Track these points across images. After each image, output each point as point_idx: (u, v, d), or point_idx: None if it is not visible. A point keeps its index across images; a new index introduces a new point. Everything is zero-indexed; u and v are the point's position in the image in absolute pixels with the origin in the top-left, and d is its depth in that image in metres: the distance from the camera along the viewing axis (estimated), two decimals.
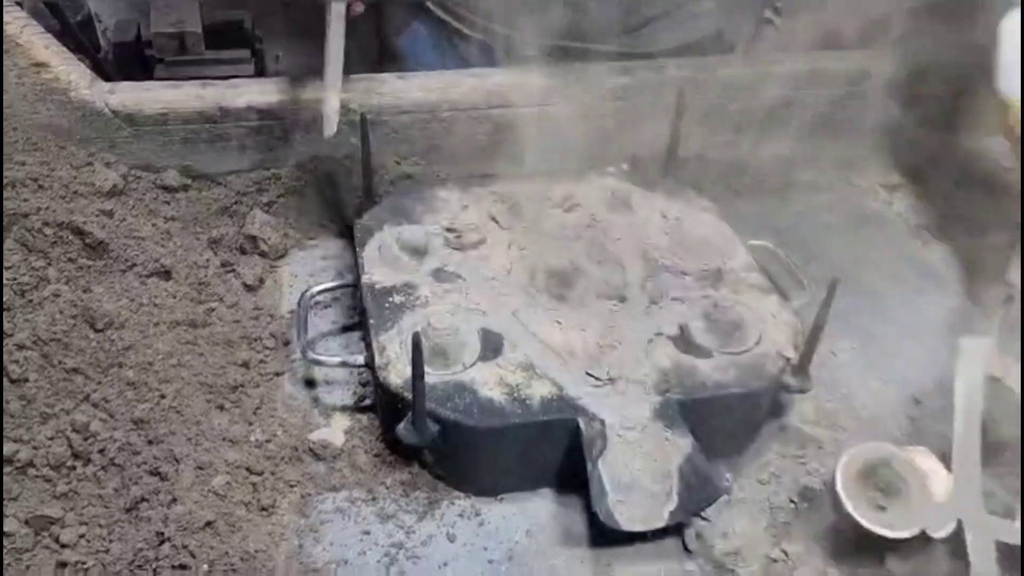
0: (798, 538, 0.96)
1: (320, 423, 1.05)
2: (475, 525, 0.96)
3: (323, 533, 0.94)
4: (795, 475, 1.03)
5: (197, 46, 1.58)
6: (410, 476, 1.00)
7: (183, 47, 1.58)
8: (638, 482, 0.90)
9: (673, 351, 1.02)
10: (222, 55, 1.59)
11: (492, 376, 0.97)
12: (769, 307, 1.09)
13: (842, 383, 1.16)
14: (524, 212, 1.20)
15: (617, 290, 1.10)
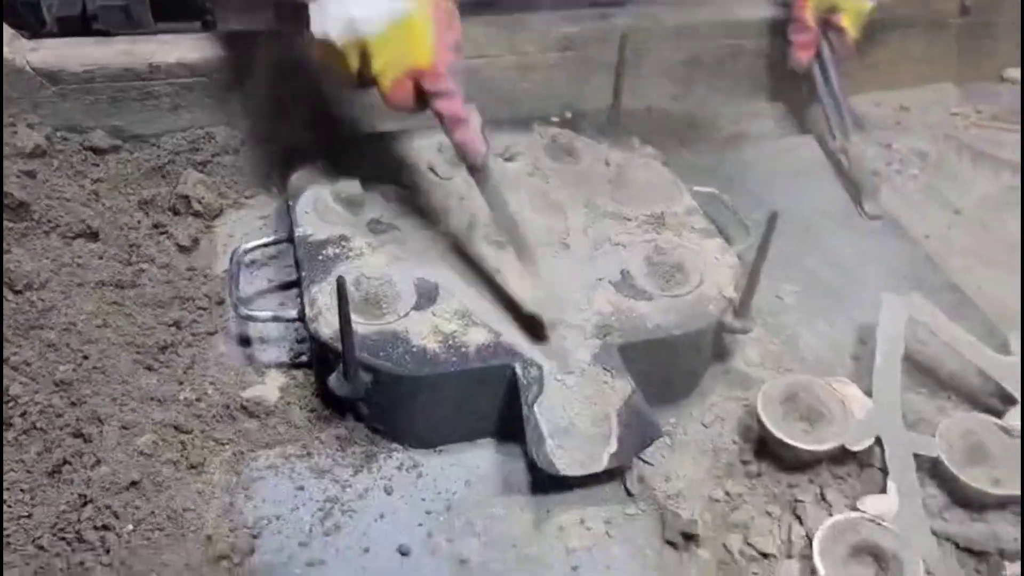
0: (739, 478, 0.95)
1: (254, 380, 1.02)
2: (413, 477, 0.94)
3: (255, 490, 0.91)
4: (739, 416, 1.02)
5: (144, 17, 1.52)
6: (346, 431, 0.97)
7: (129, 19, 1.51)
8: (576, 426, 0.88)
9: (614, 295, 1.00)
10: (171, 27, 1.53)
11: (427, 325, 0.94)
12: (711, 250, 1.07)
13: (787, 326, 1.15)
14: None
15: (558, 237, 1.08)
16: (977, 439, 0.91)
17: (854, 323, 1.15)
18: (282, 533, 0.88)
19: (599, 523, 0.91)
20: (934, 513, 0.90)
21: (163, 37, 1.30)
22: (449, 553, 0.88)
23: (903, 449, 0.89)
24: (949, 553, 0.87)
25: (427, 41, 0.91)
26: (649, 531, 0.91)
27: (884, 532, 0.83)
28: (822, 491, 0.92)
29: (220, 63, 1.27)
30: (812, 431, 0.93)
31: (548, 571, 0.87)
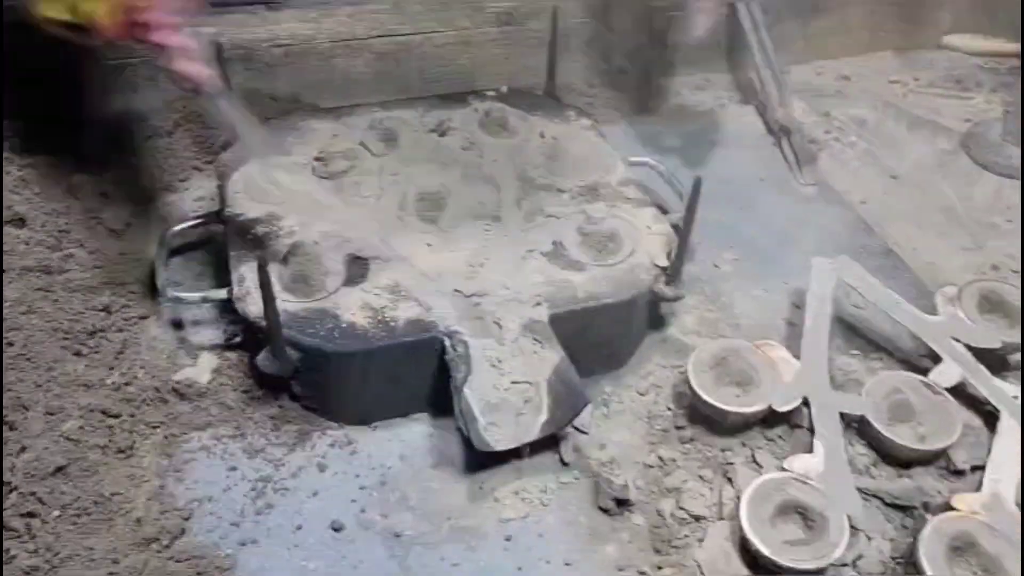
0: (674, 443, 0.96)
1: (187, 363, 1.01)
2: (347, 454, 0.94)
3: (187, 472, 0.91)
4: (674, 383, 1.02)
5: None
6: (280, 410, 0.97)
7: None
8: (507, 400, 0.88)
9: (546, 266, 1.00)
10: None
11: (356, 301, 0.94)
12: (644, 219, 1.07)
13: (724, 293, 1.16)
14: (397, 138, 1.17)
15: (491, 210, 1.08)
16: (903, 397, 0.93)
17: (788, 288, 1.16)
18: (214, 514, 0.88)
19: (534, 493, 0.91)
20: (862, 470, 0.91)
21: None
22: (383, 527, 0.88)
23: (829, 409, 0.90)
24: (875, 508, 0.88)
25: None
26: (583, 499, 0.91)
27: (810, 490, 0.84)
28: (753, 453, 0.93)
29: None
30: (742, 395, 0.94)
31: (482, 541, 0.87)
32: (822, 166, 1.41)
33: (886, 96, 1.59)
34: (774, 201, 1.32)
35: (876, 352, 1.07)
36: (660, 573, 0.84)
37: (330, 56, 1.38)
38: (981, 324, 1.00)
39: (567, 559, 0.86)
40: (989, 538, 0.81)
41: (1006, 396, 0.92)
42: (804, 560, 0.79)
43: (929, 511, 0.86)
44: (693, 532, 0.88)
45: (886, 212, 1.33)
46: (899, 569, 0.85)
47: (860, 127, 1.52)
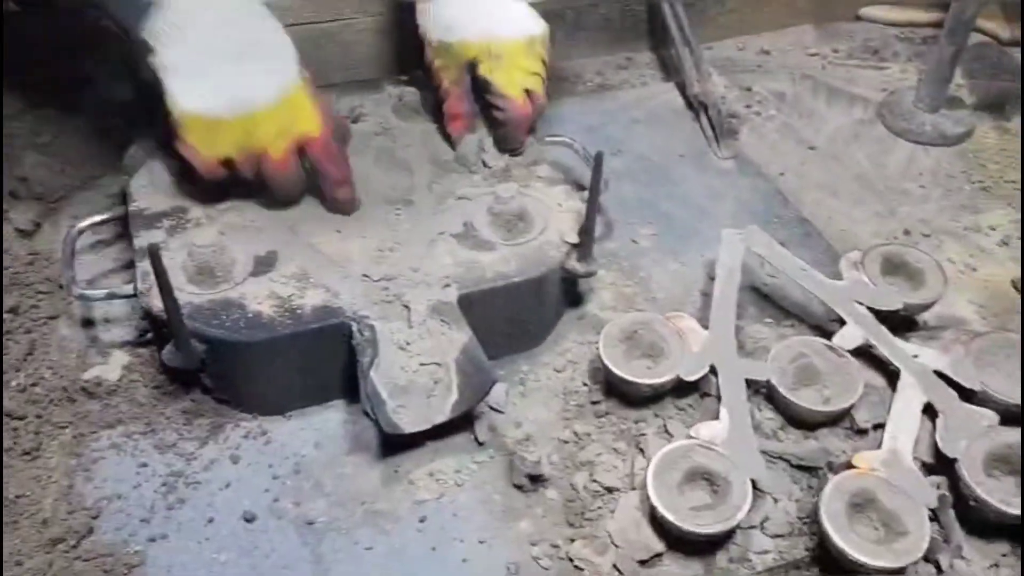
0: (589, 418, 0.97)
1: (97, 362, 1.00)
2: (261, 444, 0.94)
3: (96, 471, 0.90)
4: (591, 359, 1.03)
5: None
6: (192, 404, 0.96)
7: None
8: (416, 382, 0.88)
9: (456, 248, 1.00)
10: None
11: (263, 290, 0.93)
12: (556, 197, 1.08)
13: (641, 268, 1.17)
14: None
15: (403, 194, 1.08)
16: (807, 361, 0.94)
17: (705, 260, 1.17)
18: (123, 511, 0.87)
19: (448, 474, 0.92)
20: (769, 434, 0.93)
21: None
22: (296, 515, 0.88)
23: (735, 376, 0.92)
24: (782, 471, 0.90)
25: (313, 110, 0.97)
26: (497, 477, 0.92)
27: (715, 456, 0.85)
28: (665, 423, 0.95)
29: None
30: (653, 366, 0.95)
31: (396, 524, 0.87)
32: (742, 140, 1.43)
33: (805, 69, 1.61)
34: (693, 176, 1.34)
35: (788, 319, 1.09)
36: (572, 545, 0.85)
37: None
38: (883, 287, 1.02)
39: (481, 537, 0.87)
40: (888, 493, 0.83)
41: (906, 355, 0.94)
42: (708, 524, 0.80)
43: (833, 471, 0.88)
44: (606, 504, 0.89)
45: (803, 182, 1.35)
46: (805, 528, 0.87)
47: (779, 100, 1.53)
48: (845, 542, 0.79)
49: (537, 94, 1.11)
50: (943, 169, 1.38)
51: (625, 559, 0.83)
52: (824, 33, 1.72)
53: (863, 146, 1.43)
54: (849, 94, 1.54)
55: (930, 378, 0.92)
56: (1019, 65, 1.58)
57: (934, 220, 1.29)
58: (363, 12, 1.41)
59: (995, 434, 0.88)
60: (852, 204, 1.31)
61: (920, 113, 1.44)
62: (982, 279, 1.19)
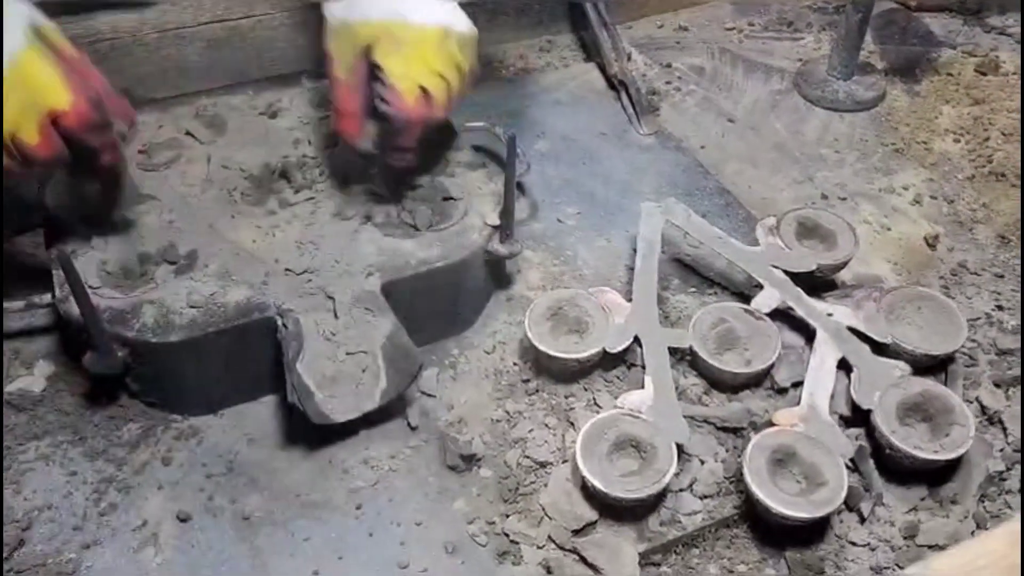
0: (520, 396, 0.98)
1: (21, 373, 0.99)
2: (193, 444, 0.94)
3: (24, 483, 0.89)
4: (520, 339, 1.05)
5: None
6: (121, 409, 0.96)
7: None
8: (343, 372, 0.89)
9: (378, 237, 1.01)
10: None
11: (184, 289, 0.93)
12: (476, 181, 1.09)
13: (568, 247, 1.19)
14: (225, 124, 1.15)
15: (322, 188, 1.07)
16: (728, 325, 0.97)
17: (629, 236, 1.19)
18: (55, 521, 0.86)
19: (383, 460, 0.93)
20: (694, 399, 0.95)
21: None
22: (231, 512, 0.88)
23: (658, 345, 0.94)
24: (708, 434, 0.93)
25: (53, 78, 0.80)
26: (431, 460, 0.93)
27: (640, 423, 0.87)
28: (594, 396, 0.96)
29: None
30: (580, 341, 0.97)
31: (332, 513, 0.88)
32: (663, 116, 1.45)
33: (722, 43, 1.65)
34: (615, 154, 1.36)
35: (711, 288, 1.12)
36: (508, 521, 0.87)
37: (158, 47, 1.35)
38: (798, 250, 1.05)
39: (417, 519, 0.88)
40: (808, 447, 0.86)
41: (820, 314, 0.97)
42: (636, 489, 0.82)
43: (756, 430, 0.91)
44: (539, 478, 0.90)
45: (723, 154, 1.38)
46: (732, 488, 0.89)
47: (699, 75, 1.56)
48: (768, 497, 0.82)
49: (435, 98, 0.93)
50: (857, 134, 1.43)
51: (559, 530, 0.85)
52: (740, 8, 1.75)
53: (780, 116, 1.47)
54: (765, 66, 1.58)
55: (844, 334, 0.96)
56: (927, 30, 1.63)
57: (849, 183, 1.33)
58: (277, 7, 1.40)
59: (907, 384, 0.91)
60: (771, 172, 1.35)
61: (834, 81, 1.48)
62: (896, 237, 1.23)
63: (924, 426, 0.90)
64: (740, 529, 0.89)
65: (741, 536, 0.88)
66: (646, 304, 0.98)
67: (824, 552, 0.87)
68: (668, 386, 0.91)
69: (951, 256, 1.19)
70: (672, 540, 0.86)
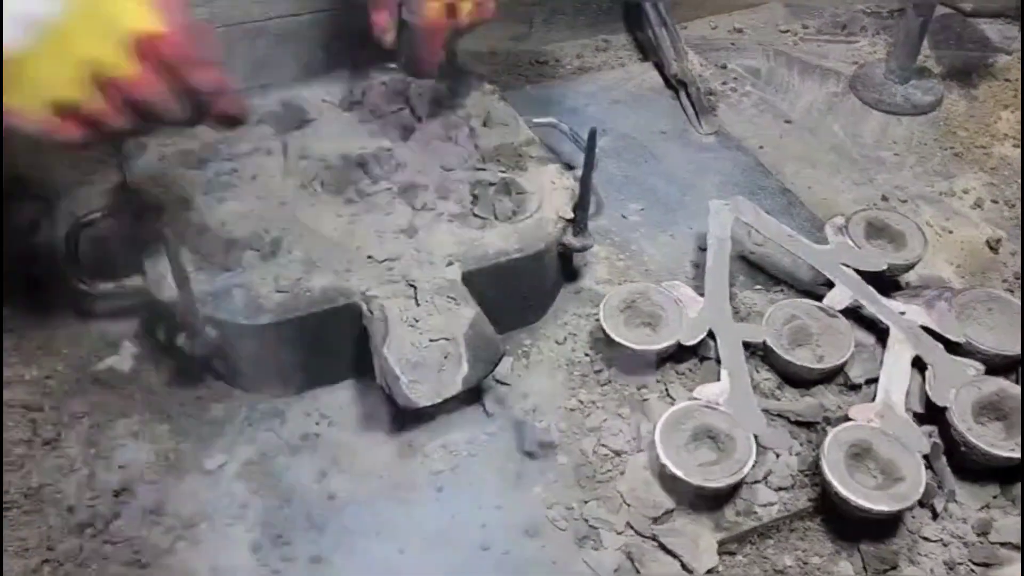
0: (592, 387, 1.00)
1: (108, 353, 1.01)
2: (276, 424, 0.96)
3: (115, 458, 0.91)
4: (590, 331, 1.06)
5: None
6: (206, 390, 0.98)
7: None
8: (426, 358, 0.91)
9: (456, 227, 1.03)
10: None
11: (270, 274, 0.95)
12: (549, 175, 1.10)
13: (632, 242, 1.20)
14: (301, 115, 1.17)
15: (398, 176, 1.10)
16: (800, 322, 0.98)
17: (693, 232, 1.21)
18: (146, 496, 0.88)
19: (461, 445, 0.95)
20: (767, 394, 0.97)
21: None
22: (318, 491, 0.90)
23: (732, 338, 0.96)
24: (782, 428, 0.94)
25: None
26: (508, 446, 0.95)
27: (717, 414, 0.89)
28: (667, 387, 0.98)
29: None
30: (653, 334, 0.98)
31: (414, 494, 0.90)
32: (720, 116, 1.46)
33: (777, 45, 1.66)
34: (676, 152, 1.37)
35: (777, 285, 1.13)
36: (587, 506, 0.88)
37: (230, 41, 1.38)
38: (867, 249, 1.06)
39: (496, 503, 0.90)
40: (884, 443, 0.87)
41: (893, 313, 0.99)
42: (716, 479, 0.84)
43: (830, 424, 0.92)
44: (615, 466, 0.92)
45: (782, 155, 1.39)
46: (806, 480, 0.91)
47: (755, 76, 1.58)
48: (847, 489, 0.83)
49: (460, 9, 0.97)
50: (915, 137, 1.44)
51: (638, 517, 0.87)
52: (793, 10, 1.77)
53: (838, 118, 1.48)
54: (821, 68, 1.59)
55: (917, 333, 0.97)
56: (983, 35, 1.63)
57: (909, 186, 1.34)
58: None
59: (981, 383, 0.92)
60: (830, 173, 1.36)
61: (891, 84, 1.49)
62: (958, 240, 1.24)
63: (999, 424, 0.91)
64: (814, 522, 0.90)
65: (815, 529, 0.90)
66: (719, 299, 1.00)
67: (897, 546, 0.88)
68: (744, 379, 0.93)
69: (1014, 260, 1.20)
70: (748, 530, 0.87)
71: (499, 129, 1.17)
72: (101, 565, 0.82)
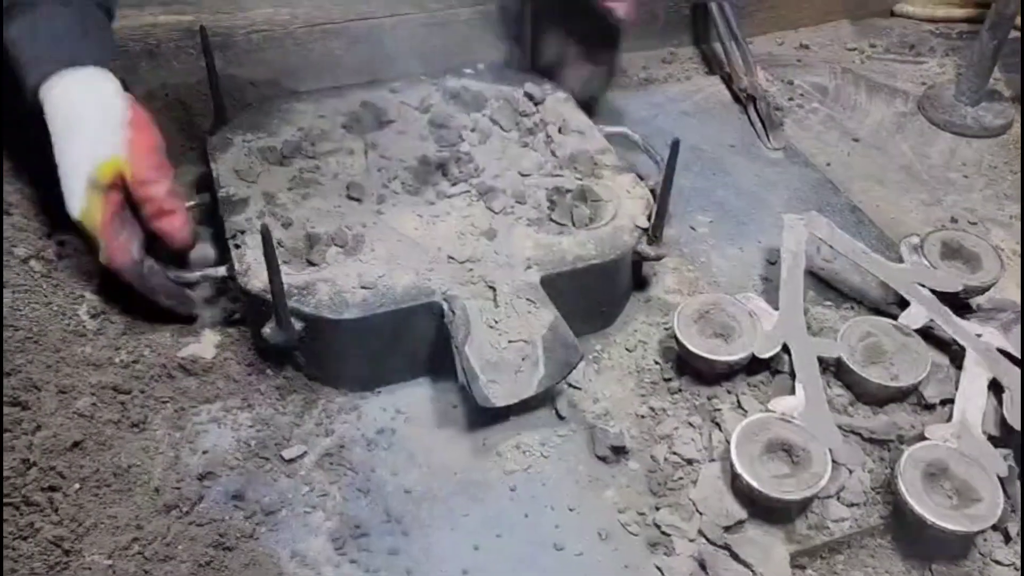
0: (663, 394, 1.01)
1: (190, 340, 1.04)
2: (353, 419, 0.98)
3: (199, 443, 0.94)
4: (660, 339, 1.07)
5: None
6: (285, 381, 1.00)
7: None
8: (505, 359, 0.92)
9: (534, 231, 1.04)
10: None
11: (354, 271, 0.97)
12: (624, 184, 1.12)
13: (701, 253, 1.21)
14: (380, 117, 1.20)
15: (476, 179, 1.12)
16: (875, 339, 0.98)
17: (761, 246, 1.21)
18: (229, 481, 0.91)
19: (534, 446, 0.96)
20: (840, 410, 0.97)
21: None
22: (394, 485, 0.92)
23: (807, 353, 0.96)
24: (855, 444, 0.94)
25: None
26: (580, 449, 0.96)
27: (793, 428, 0.89)
28: (738, 399, 0.99)
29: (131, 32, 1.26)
30: (726, 345, 0.99)
31: (488, 492, 0.92)
32: (787, 131, 1.47)
33: (844, 63, 1.66)
34: (744, 166, 1.38)
35: (847, 302, 1.13)
36: (659, 513, 0.89)
37: (307, 41, 1.41)
38: (943, 270, 1.06)
39: (570, 505, 0.91)
40: (961, 463, 0.87)
41: (969, 335, 0.98)
42: (792, 492, 0.85)
43: (904, 443, 0.93)
44: (687, 474, 0.93)
45: (849, 172, 1.39)
46: (878, 498, 0.91)
47: (821, 93, 1.58)
48: (923, 507, 0.83)
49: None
50: (985, 160, 1.43)
51: (710, 525, 0.88)
52: (860, 28, 1.77)
53: (906, 137, 1.47)
54: (889, 87, 1.59)
55: (994, 355, 0.97)
56: None
57: (979, 208, 1.33)
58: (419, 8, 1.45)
59: None
60: (899, 193, 1.36)
61: (961, 106, 1.49)
62: None
63: None
64: (884, 540, 0.90)
65: (885, 547, 0.90)
66: (794, 313, 1.00)
67: (968, 568, 0.88)
68: (819, 394, 0.93)
69: None
70: (819, 544, 0.88)
71: (575, 137, 1.19)
72: (187, 546, 0.84)
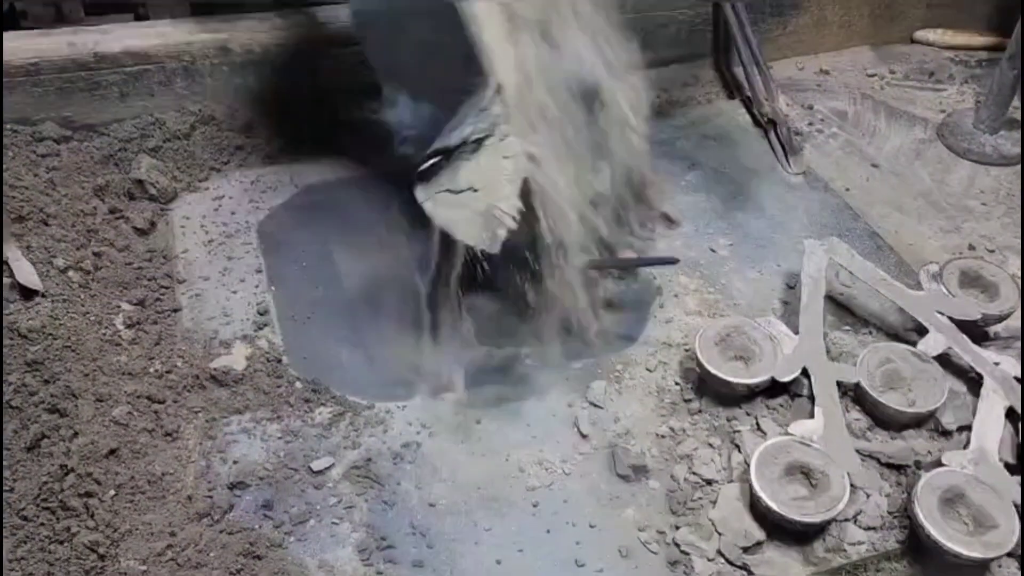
0: (683, 415, 1.03)
1: (221, 352, 1.07)
2: (380, 432, 1.00)
3: (230, 452, 0.96)
4: (680, 360, 1.09)
5: (76, 13, 1.53)
6: (314, 394, 1.03)
7: (60, 15, 1.52)
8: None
9: None
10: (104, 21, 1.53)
11: None
12: None
13: (721, 276, 1.23)
14: None
15: None
16: (894, 366, 1.00)
17: (781, 269, 1.23)
18: (259, 491, 0.93)
19: (556, 463, 0.98)
20: (858, 434, 0.98)
21: (105, 27, 1.32)
22: (419, 498, 0.94)
23: (827, 377, 0.98)
24: (872, 467, 0.96)
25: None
26: (602, 467, 0.98)
27: (812, 451, 0.91)
28: (757, 421, 1.00)
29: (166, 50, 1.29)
30: (746, 367, 1.01)
31: (511, 508, 0.94)
32: (807, 156, 1.49)
33: (864, 89, 1.68)
34: (764, 190, 1.40)
35: (865, 327, 1.15)
36: (678, 532, 0.91)
37: None
38: (962, 298, 1.08)
39: (591, 522, 0.93)
40: (977, 490, 0.88)
41: (987, 363, 1.00)
42: (811, 514, 0.86)
43: (921, 468, 0.94)
44: (706, 494, 0.95)
45: (869, 198, 1.41)
46: (895, 522, 0.92)
47: (841, 119, 1.60)
48: (940, 533, 0.85)
49: None
50: (1004, 188, 1.44)
51: (729, 546, 0.89)
52: (880, 55, 1.78)
53: (925, 164, 1.49)
54: (909, 114, 1.60)
55: (1011, 384, 0.98)
56: None
57: (998, 237, 1.34)
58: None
59: None
60: (917, 219, 1.37)
61: (980, 134, 1.50)
62: None
63: None
64: (900, 564, 0.92)
65: (901, 571, 0.91)
66: (814, 337, 1.02)
67: None
68: (839, 418, 0.95)
69: None
70: (836, 567, 0.89)
71: None
72: (219, 553, 0.86)
